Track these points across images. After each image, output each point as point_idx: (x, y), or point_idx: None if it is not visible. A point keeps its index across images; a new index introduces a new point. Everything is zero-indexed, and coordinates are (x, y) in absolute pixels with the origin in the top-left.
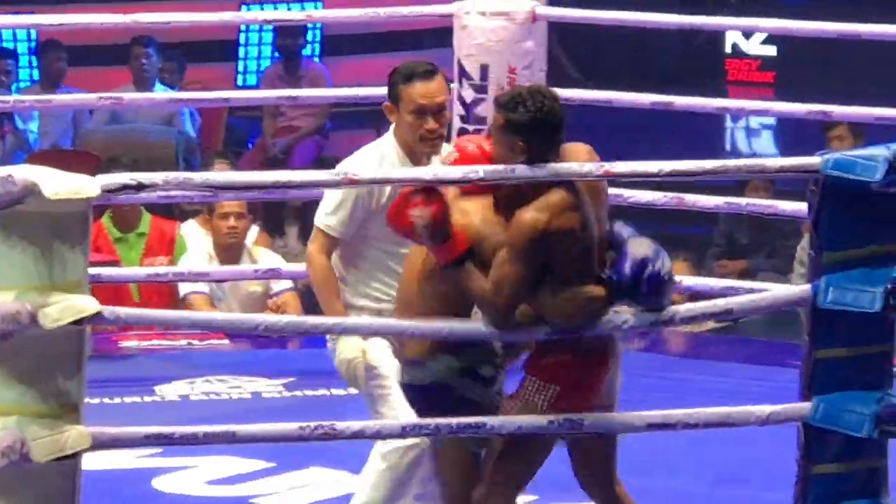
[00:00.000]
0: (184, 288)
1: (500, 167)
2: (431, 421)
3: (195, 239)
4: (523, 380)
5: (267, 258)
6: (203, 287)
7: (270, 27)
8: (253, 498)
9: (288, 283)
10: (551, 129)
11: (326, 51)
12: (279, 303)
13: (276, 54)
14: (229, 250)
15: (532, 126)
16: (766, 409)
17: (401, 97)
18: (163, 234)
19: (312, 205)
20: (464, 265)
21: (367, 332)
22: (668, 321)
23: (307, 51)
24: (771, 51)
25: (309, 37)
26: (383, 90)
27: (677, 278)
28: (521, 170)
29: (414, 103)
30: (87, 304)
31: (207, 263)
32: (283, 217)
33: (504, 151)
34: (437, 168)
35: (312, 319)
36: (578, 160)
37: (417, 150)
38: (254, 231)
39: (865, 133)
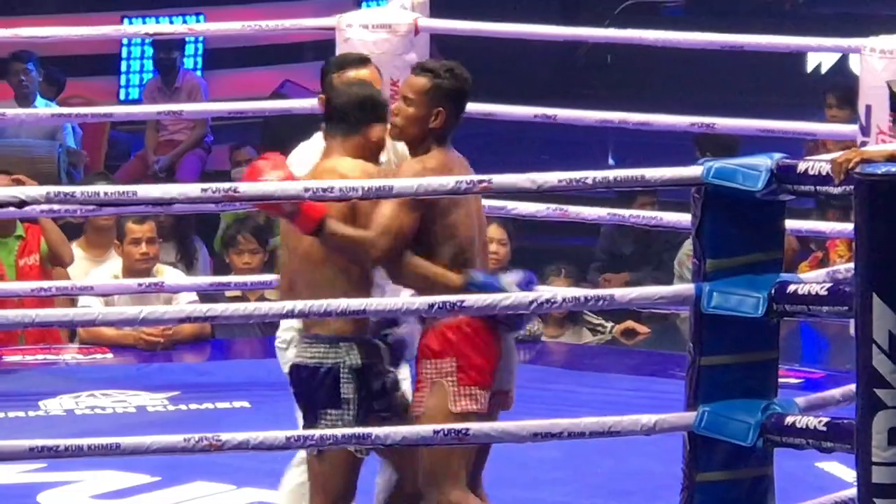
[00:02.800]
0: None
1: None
2: (315, 432)
3: (78, 262)
4: (418, 368)
5: (172, 276)
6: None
7: (150, 41)
8: None
9: (192, 296)
10: (462, 108)
11: (208, 64)
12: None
13: (154, 68)
14: (139, 275)
15: (456, 97)
16: (652, 417)
17: (334, 87)
18: (35, 237)
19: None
20: (328, 225)
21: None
22: (551, 304)
23: (189, 63)
24: None
25: (190, 50)
26: (265, 103)
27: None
28: (430, 182)
29: None
30: None
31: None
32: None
33: (422, 114)
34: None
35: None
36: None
37: None
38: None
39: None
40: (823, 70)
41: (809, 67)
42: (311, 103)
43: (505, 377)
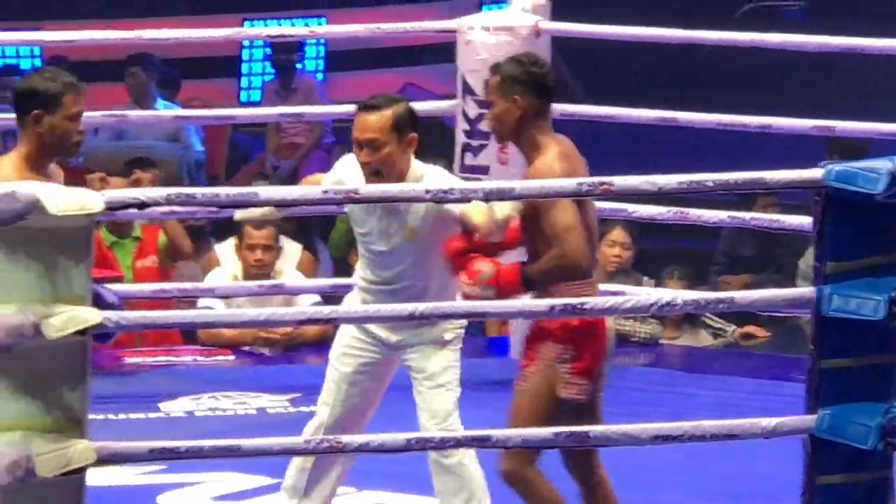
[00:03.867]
0: (201, 304)
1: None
2: (436, 434)
3: (227, 260)
4: (535, 346)
5: (292, 278)
6: (219, 305)
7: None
8: None
9: (314, 298)
10: (544, 89)
11: (330, 66)
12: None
13: (272, 70)
14: (256, 279)
15: (527, 81)
16: (772, 420)
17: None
18: (153, 238)
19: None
20: (528, 276)
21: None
22: (671, 306)
23: (311, 66)
24: None
25: (312, 52)
26: None
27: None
28: (552, 184)
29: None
30: (90, 315)
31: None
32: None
33: (503, 108)
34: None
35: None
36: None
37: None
38: (295, 251)
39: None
40: None
41: None
42: (433, 106)
43: (607, 359)
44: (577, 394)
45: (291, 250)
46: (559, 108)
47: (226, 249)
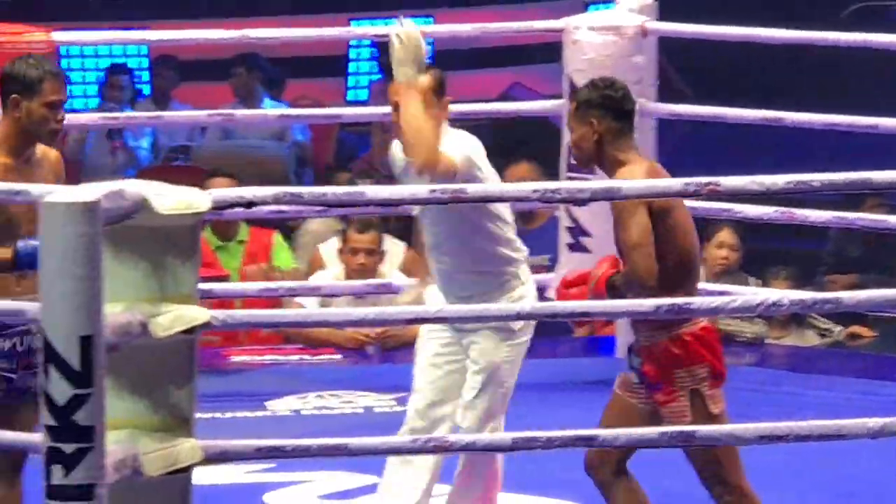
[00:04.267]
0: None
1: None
2: (543, 434)
3: (331, 262)
4: (668, 377)
5: (397, 278)
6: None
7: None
8: None
9: None
10: (621, 112)
11: (437, 66)
12: None
13: (378, 69)
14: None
15: (602, 103)
16: (879, 421)
17: None
18: (261, 242)
19: None
20: (614, 283)
21: None
22: (777, 306)
23: None
24: None
25: None
26: (494, 105)
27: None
28: (658, 183)
29: None
30: (197, 314)
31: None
32: None
33: (581, 132)
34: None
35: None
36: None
37: None
38: (399, 252)
39: None
40: None
41: None
42: (539, 105)
43: None
44: (723, 406)
45: (395, 252)
46: (666, 108)
47: (330, 251)
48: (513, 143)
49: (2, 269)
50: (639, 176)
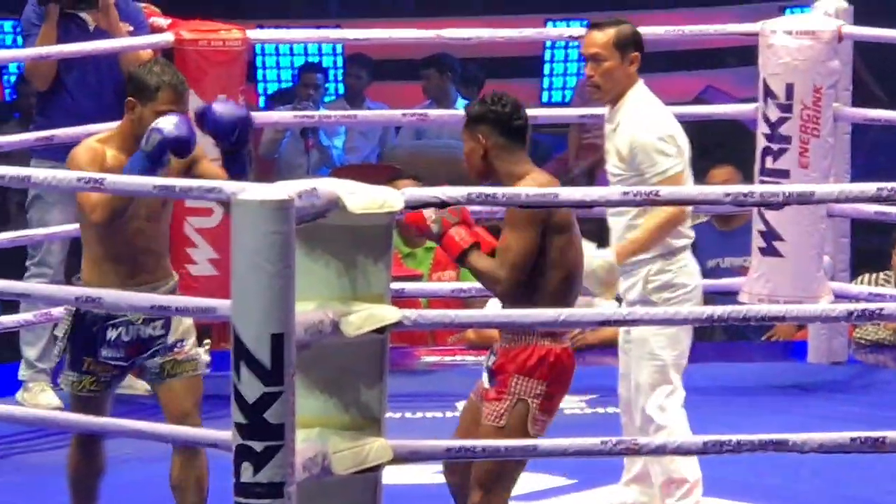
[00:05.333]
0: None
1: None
2: (732, 437)
3: None
4: (505, 378)
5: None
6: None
7: (576, 44)
8: None
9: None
10: (509, 128)
11: None
12: None
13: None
14: None
15: (490, 119)
16: None
17: None
18: None
19: None
20: (471, 256)
21: None
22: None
23: None
24: None
25: None
26: (686, 108)
27: None
28: (825, 189)
29: None
30: (388, 313)
31: None
32: None
33: (469, 145)
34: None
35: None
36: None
37: None
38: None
39: None
40: None
41: None
42: (733, 109)
43: None
44: (541, 433)
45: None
46: (860, 113)
47: None
48: (710, 146)
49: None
50: (543, 185)
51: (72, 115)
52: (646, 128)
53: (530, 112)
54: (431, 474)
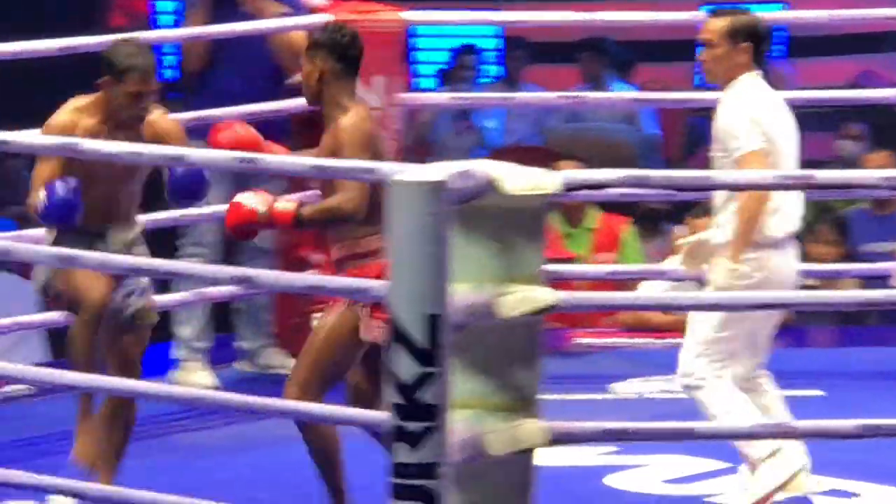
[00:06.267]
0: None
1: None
2: (890, 422)
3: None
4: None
5: None
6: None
7: None
8: (708, 497)
9: None
10: (345, 56)
11: (793, 52)
12: None
13: None
14: None
15: (328, 45)
16: None
17: None
18: (611, 231)
19: None
20: (303, 217)
21: None
22: None
23: (774, 52)
24: None
25: (775, 38)
26: (842, 92)
27: None
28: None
29: None
30: (543, 296)
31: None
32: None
33: (307, 68)
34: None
35: None
36: None
37: None
38: None
39: None
40: None
41: None
42: (891, 93)
43: None
44: (377, 337)
45: None
46: None
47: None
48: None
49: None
50: (362, 122)
51: (223, 96)
52: (735, 109)
53: (684, 96)
54: (584, 456)
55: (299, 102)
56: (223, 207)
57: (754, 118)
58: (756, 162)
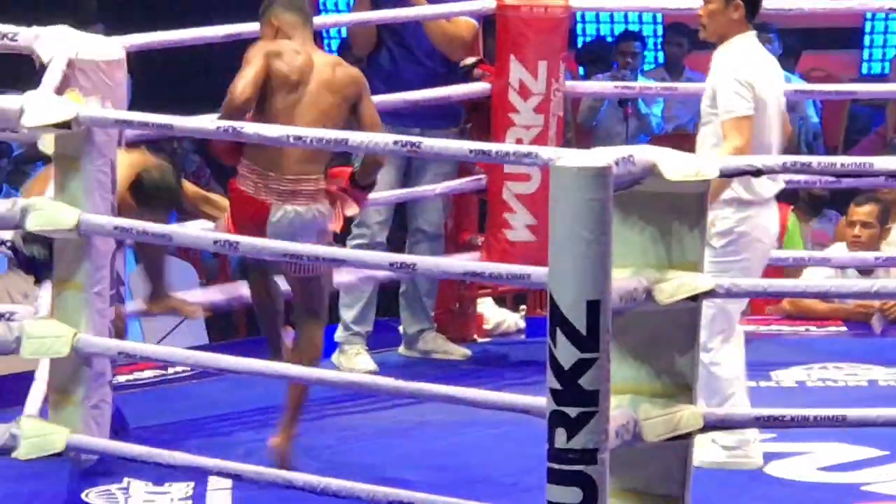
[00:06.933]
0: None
1: None
2: None
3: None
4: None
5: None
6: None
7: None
8: (865, 485)
9: None
10: (295, 7)
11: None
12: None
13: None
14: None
15: (275, 2)
16: None
17: None
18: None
19: None
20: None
21: None
22: None
23: None
24: None
25: None
26: (845, 86)
27: None
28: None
29: None
30: (702, 282)
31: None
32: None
33: (263, 30)
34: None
35: None
36: None
37: None
38: None
39: None
40: None
41: None
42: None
43: None
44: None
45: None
46: None
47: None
48: None
49: None
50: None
51: (392, 82)
52: (731, 70)
53: (848, 87)
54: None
55: (470, 87)
56: (393, 193)
57: (748, 81)
58: (743, 127)
